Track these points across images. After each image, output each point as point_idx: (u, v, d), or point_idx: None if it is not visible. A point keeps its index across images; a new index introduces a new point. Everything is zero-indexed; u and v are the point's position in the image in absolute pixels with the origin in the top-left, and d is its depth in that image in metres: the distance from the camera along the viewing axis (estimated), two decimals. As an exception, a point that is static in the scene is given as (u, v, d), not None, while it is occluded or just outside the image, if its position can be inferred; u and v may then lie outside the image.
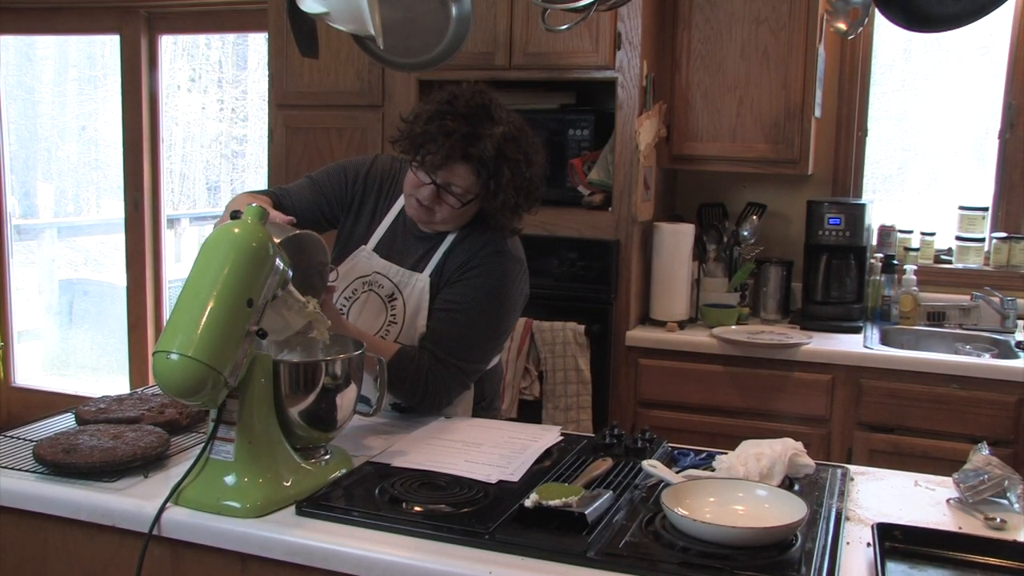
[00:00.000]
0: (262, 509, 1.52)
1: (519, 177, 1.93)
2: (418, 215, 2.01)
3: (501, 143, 1.89)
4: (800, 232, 3.45)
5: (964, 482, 1.66)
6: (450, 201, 1.95)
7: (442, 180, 1.92)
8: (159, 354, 1.45)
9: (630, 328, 3.22)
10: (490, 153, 1.88)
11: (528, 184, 1.96)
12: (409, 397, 2.00)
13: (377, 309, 2.05)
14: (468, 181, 1.92)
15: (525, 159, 1.94)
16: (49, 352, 5.51)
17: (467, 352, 2.00)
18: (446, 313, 2.01)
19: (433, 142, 1.89)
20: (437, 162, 1.89)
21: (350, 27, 1.92)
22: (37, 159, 5.55)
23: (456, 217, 1.99)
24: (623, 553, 1.37)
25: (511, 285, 2.04)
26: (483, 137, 1.88)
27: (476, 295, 2.00)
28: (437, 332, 2.00)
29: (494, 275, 2.01)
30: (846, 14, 3.07)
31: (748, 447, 1.71)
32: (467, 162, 1.89)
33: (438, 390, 1.99)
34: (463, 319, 1.99)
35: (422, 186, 1.94)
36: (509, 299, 2.04)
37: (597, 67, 3.18)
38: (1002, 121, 3.45)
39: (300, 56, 2.14)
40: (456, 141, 1.87)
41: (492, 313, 2.01)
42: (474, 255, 2.02)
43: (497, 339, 2.07)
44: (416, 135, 1.93)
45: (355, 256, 2.10)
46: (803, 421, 3.04)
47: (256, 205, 1.64)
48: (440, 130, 1.88)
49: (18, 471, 1.65)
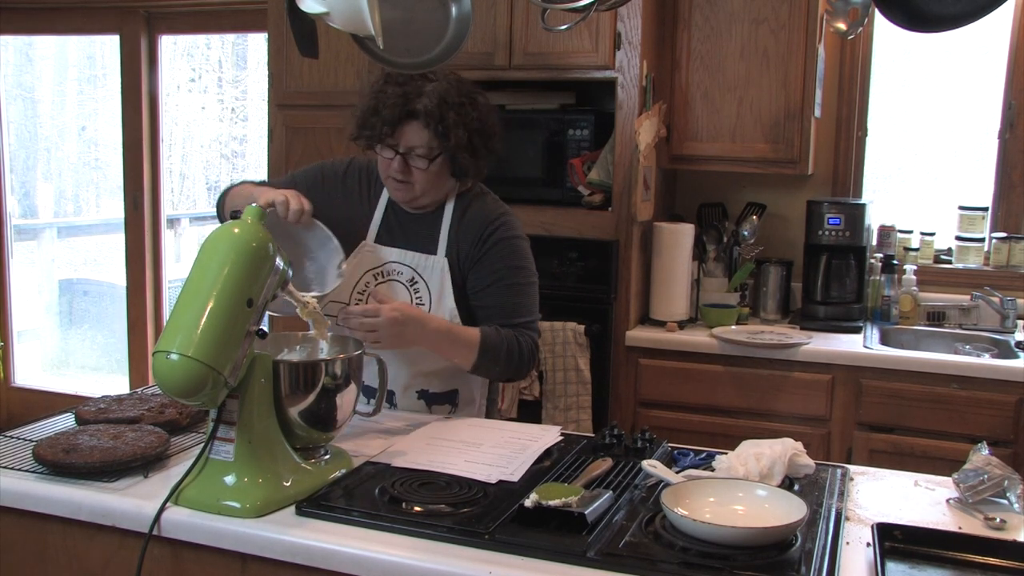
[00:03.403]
0: (262, 509, 1.52)
1: (466, 117, 2.02)
2: (400, 194, 2.09)
3: (440, 93, 2.00)
4: (800, 232, 3.45)
5: (964, 482, 1.66)
6: (418, 164, 2.03)
7: (403, 147, 2.02)
8: (159, 354, 1.45)
9: (630, 328, 3.22)
10: (432, 104, 1.98)
11: (479, 124, 2.05)
12: (510, 370, 2.09)
13: (402, 295, 2.11)
14: (423, 136, 2.00)
15: (469, 101, 2.04)
16: (49, 352, 5.51)
17: (529, 310, 2.13)
18: (494, 287, 2.10)
19: (377, 112, 2.01)
20: (388, 129, 2.00)
21: (350, 27, 1.92)
22: (37, 159, 5.54)
23: (432, 183, 2.06)
24: (623, 553, 1.37)
25: (522, 237, 2.17)
26: (421, 93, 2.00)
27: (508, 259, 2.11)
28: (497, 307, 2.10)
29: (511, 233, 2.13)
30: (846, 14, 3.07)
31: (748, 447, 1.72)
32: (414, 118, 1.99)
33: (532, 351, 2.10)
34: (510, 282, 2.10)
35: (390, 163, 2.04)
36: (527, 247, 2.17)
37: (597, 67, 3.18)
38: (1002, 121, 3.45)
39: (300, 56, 2.14)
40: (397, 102, 1.99)
41: (527, 268, 2.15)
42: (484, 228, 2.11)
43: (536, 284, 2.18)
44: (362, 113, 2.05)
45: (359, 251, 2.14)
46: (803, 421, 3.04)
47: (256, 205, 1.65)
48: (380, 100, 2.02)
49: (18, 471, 1.65)
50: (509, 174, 3.26)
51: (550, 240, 3.23)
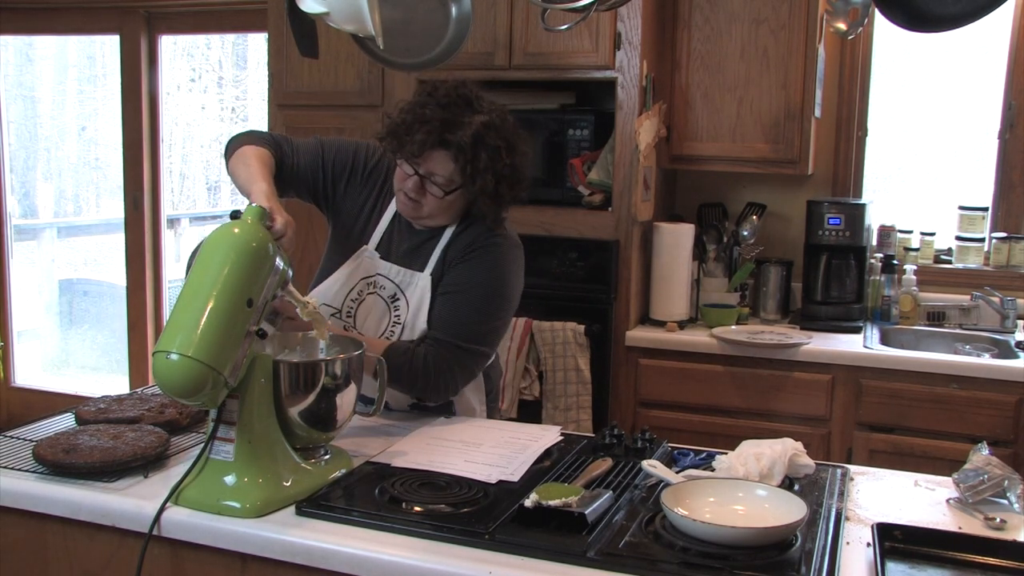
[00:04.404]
0: (262, 509, 1.52)
1: (498, 163, 1.93)
2: (407, 210, 2.02)
3: (479, 130, 1.90)
4: (800, 232, 3.45)
5: (964, 482, 1.66)
6: (433, 191, 1.96)
7: (424, 170, 1.94)
8: (159, 354, 1.45)
9: (630, 328, 3.22)
10: (467, 139, 1.89)
11: (509, 172, 1.95)
12: (411, 386, 1.98)
13: (381, 311, 2.06)
14: (448, 169, 1.92)
15: (506, 146, 1.94)
16: (49, 352, 5.51)
17: (465, 331, 1.98)
18: (444, 296, 2.01)
19: (411, 131, 1.92)
20: (415, 150, 1.92)
21: (350, 27, 1.92)
22: (37, 159, 5.54)
23: (442, 210, 2.00)
24: (623, 553, 1.37)
25: (510, 264, 2.04)
26: (461, 124, 1.90)
27: (473, 275, 2.00)
28: (435, 316, 2.00)
29: (492, 256, 2.02)
30: (846, 14, 3.08)
31: (748, 447, 1.72)
32: (444, 148, 1.90)
33: (440, 371, 1.95)
34: (460, 299, 1.99)
35: (407, 179, 1.97)
36: (508, 281, 2.03)
37: (597, 67, 3.17)
38: (1002, 121, 3.45)
39: (300, 56, 2.13)
40: (433, 128, 1.89)
41: (490, 293, 2.00)
42: (473, 242, 2.02)
43: (497, 319, 2.03)
44: (396, 125, 1.96)
45: (358, 256, 2.10)
46: (803, 421, 3.04)
47: (256, 205, 1.65)
48: (418, 119, 1.92)
49: (18, 471, 1.65)
50: (509, 174, 3.26)
51: (550, 240, 3.23)
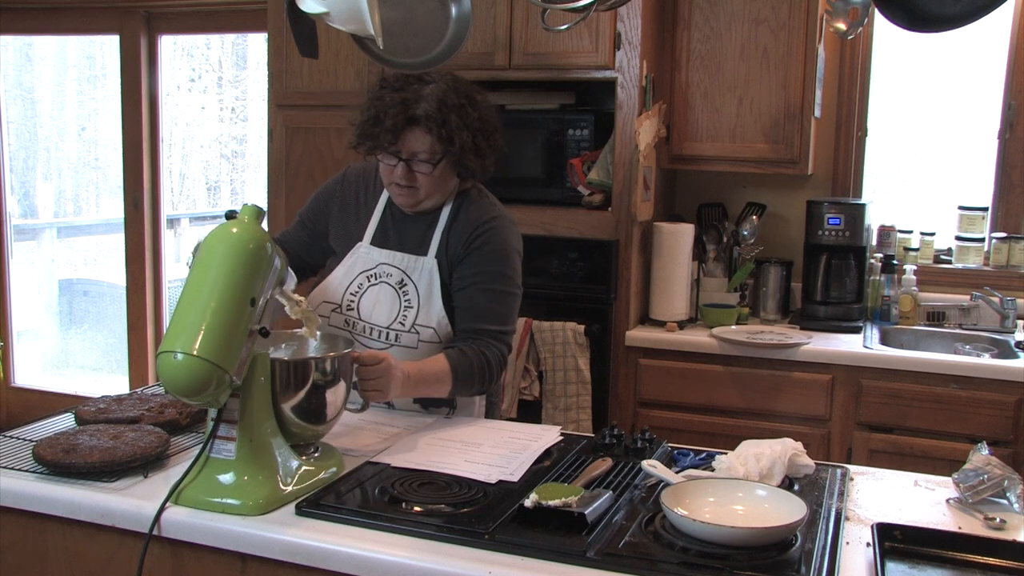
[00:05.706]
0: (263, 507, 1.52)
1: (467, 119, 2.01)
2: (405, 200, 2.08)
3: (440, 95, 1.99)
4: (800, 232, 3.45)
5: (964, 482, 1.66)
6: (422, 169, 2.02)
7: (406, 153, 2.01)
8: (164, 354, 1.45)
9: (630, 328, 3.22)
10: (432, 108, 1.97)
11: (480, 124, 2.04)
12: (484, 387, 2.06)
13: (391, 298, 2.09)
14: (426, 143, 1.99)
15: (469, 102, 2.03)
16: (49, 352, 5.51)
17: (501, 318, 2.09)
18: (470, 288, 2.07)
19: (379, 123, 1.99)
20: (390, 137, 1.99)
21: (350, 27, 1.92)
22: (37, 159, 5.54)
23: (437, 186, 2.05)
24: (623, 553, 1.37)
25: (511, 241, 2.13)
26: (421, 97, 1.98)
27: (490, 262, 2.08)
28: (469, 309, 2.07)
29: (499, 239, 2.10)
30: (846, 14, 3.07)
31: (748, 447, 1.72)
32: (416, 124, 1.98)
33: (499, 362, 2.06)
34: (477, 289, 2.07)
35: (393, 170, 2.03)
36: (516, 257, 2.14)
37: (597, 67, 3.17)
38: (1002, 121, 3.45)
39: (300, 56, 2.14)
40: (398, 110, 1.97)
41: (508, 274, 2.10)
42: (474, 228, 2.09)
43: (517, 297, 2.14)
44: (363, 124, 2.04)
45: (354, 252, 2.14)
46: (803, 421, 3.04)
47: (252, 204, 1.66)
48: (380, 109, 2.00)
49: (18, 471, 1.65)
50: (509, 174, 3.26)
51: (550, 240, 3.23)
